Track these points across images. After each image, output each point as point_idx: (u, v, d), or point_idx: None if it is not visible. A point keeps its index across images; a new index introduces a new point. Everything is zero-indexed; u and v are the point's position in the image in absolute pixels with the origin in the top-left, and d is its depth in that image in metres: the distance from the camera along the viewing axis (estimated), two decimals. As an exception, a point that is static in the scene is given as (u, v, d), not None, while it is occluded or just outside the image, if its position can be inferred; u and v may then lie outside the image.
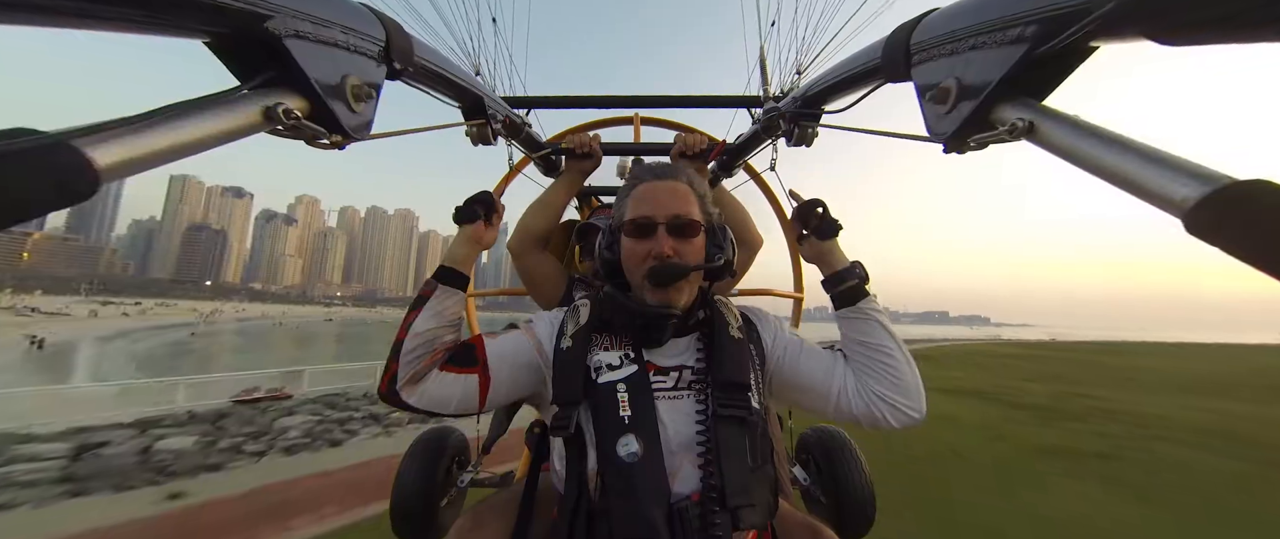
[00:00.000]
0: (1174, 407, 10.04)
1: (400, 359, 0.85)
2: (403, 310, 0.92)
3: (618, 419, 0.81)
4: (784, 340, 0.97)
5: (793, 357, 0.94)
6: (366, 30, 0.67)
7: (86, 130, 0.35)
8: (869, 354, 0.89)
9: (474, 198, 1.03)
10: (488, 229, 1.03)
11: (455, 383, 0.88)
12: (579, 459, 0.82)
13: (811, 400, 0.94)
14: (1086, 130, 0.48)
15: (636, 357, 0.88)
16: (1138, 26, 0.43)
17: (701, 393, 0.85)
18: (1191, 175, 0.38)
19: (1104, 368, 19.06)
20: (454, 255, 0.98)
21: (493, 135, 1.33)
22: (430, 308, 0.90)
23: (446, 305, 0.92)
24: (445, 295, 0.92)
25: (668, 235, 0.88)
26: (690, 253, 0.89)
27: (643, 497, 0.75)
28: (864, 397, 0.88)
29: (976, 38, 0.58)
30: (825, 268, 0.98)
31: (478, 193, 1.04)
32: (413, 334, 0.87)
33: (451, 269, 0.95)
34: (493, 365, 0.89)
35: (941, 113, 0.64)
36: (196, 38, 0.50)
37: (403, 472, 1.62)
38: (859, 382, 0.90)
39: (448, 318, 0.92)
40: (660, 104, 2.07)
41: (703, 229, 0.92)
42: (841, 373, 0.91)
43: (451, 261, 0.96)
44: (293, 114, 0.54)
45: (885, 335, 0.89)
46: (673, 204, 0.90)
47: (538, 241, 1.58)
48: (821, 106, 1.16)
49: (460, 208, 1.02)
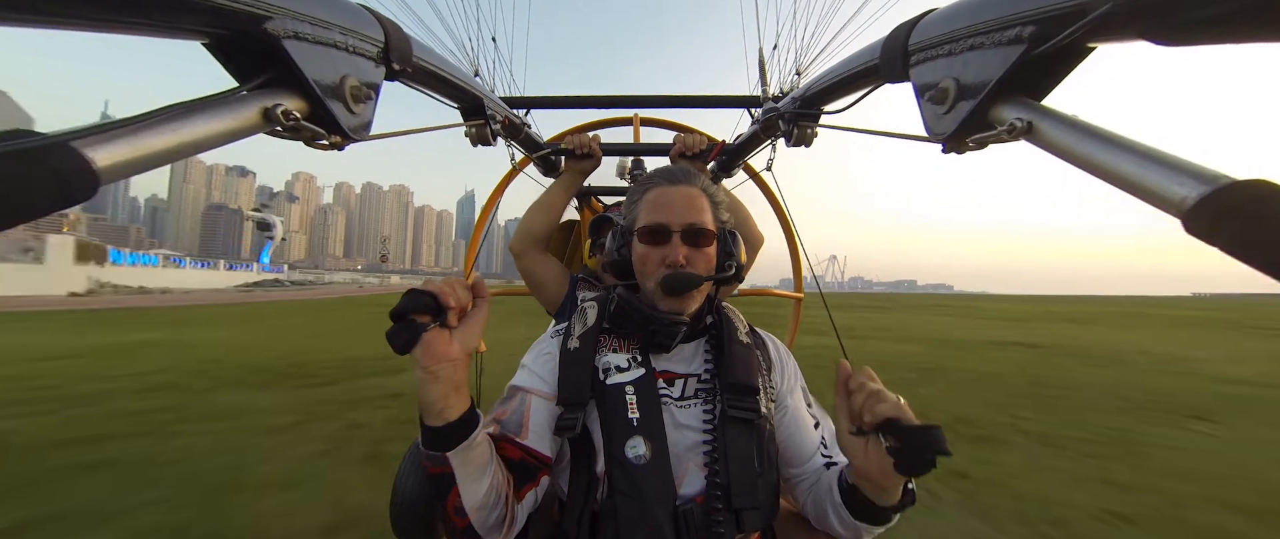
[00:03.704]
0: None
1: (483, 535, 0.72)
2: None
3: (626, 421, 0.80)
4: (787, 400, 0.95)
5: (788, 419, 0.93)
6: (365, 31, 0.67)
7: (86, 131, 0.35)
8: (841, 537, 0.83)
9: (408, 305, 0.63)
10: (453, 337, 0.67)
11: (533, 496, 0.80)
12: (585, 461, 0.81)
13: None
14: (1085, 130, 0.48)
15: (644, 360, 0.88)
16: (1134, 27, 0.43)
17: (709, 398, 0.85)
18: (1190, 175, 0.38)
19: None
20: (429, 405, 0.66)
21: (492, 136, 1.33)
22: (463, 479, 0.69)
23: (472, 460, 0.69)
24: (464, 457, 0.68)
25: (682, 244, 0.87)
26: (703, 262, 0.88)
27: (649, 499, 0.75)
28: (810, 511, 0.88)
29: (974, 38, 0.58)
30: (879, 494, 0.73)
31: (409, 295, 0.64)
32: (471, 509, 0.69)
33: (439, 428, 0.66)
34: (547, 450, 0.81)
35: (940, 113, 0.64)
36: (195, 39, 0.50)
37: (403, 472, 1.62)
38: (816, 510, 0.86)
39: (486, 469, 0.72)
40: (659, 104, 2.07)
41: (715, 237, 0.90)
42: (813, 475, 0.89)
43: (434, 417, 0.67)
44: (292, 115, 0.54)
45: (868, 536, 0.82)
46: (688, 212, 0.89)
47: (538, 242, 1.58)
48: (820, 107, 1.16)
49: (394, 331, 0.62)
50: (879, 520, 0.76)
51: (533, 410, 0.83)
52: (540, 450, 0.80)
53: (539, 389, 0.86)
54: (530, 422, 0.81)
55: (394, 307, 0.63)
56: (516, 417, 0.82)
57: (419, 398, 0.67)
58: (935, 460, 0.61)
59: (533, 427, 0.81)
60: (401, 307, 0.63)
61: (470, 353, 0.70)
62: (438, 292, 0.65)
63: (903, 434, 0.63)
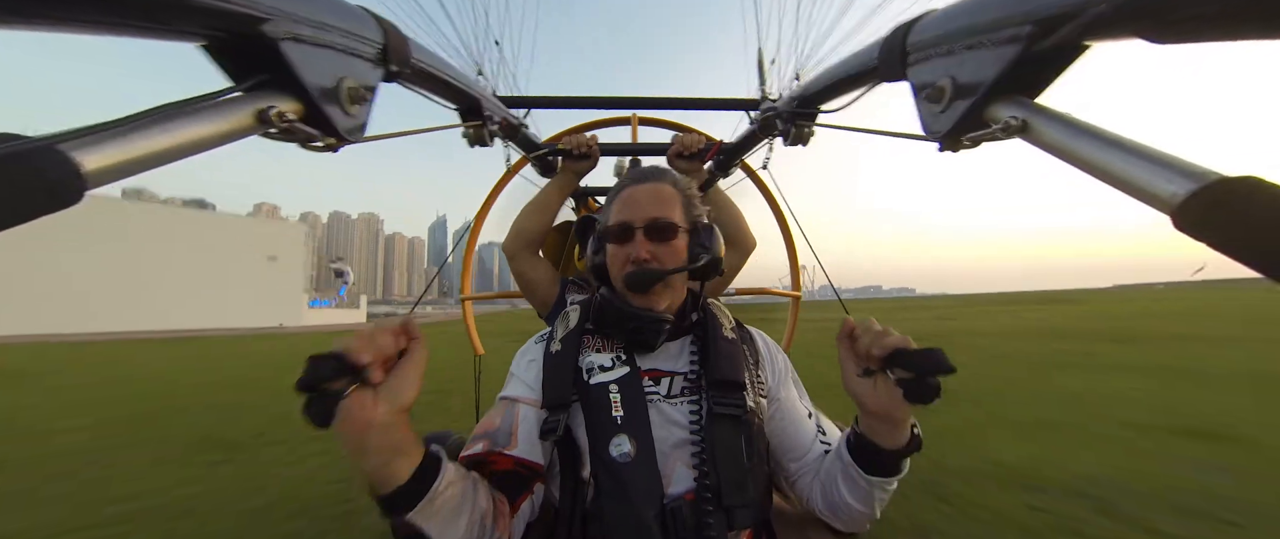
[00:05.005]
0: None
1: None
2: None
3: (610, 420, 0.80)
4: (779, 393, 0.94)
5: (782, 412, 0.92)
6: (364, 33, 0.67)
7: (73, 134, 0.35)
8: (851, 513, 0.82)
9: (313, 375, 0.52)
10: (378, 396, 0.58)
11: (529, 505, 0.77)
12: (572, 463, 0.81)
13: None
14: (1078, 128, 0.48)
15: (629, 358, 0.87)
16: (1129, 25, 0.43)
17: (695, 396, 0.85)
18: (1180, 172, 0.38)
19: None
20: (368, 478, 0.59)
21: (490, 137, 1.33)
22: (435, 531, 0.62)
23: (440, 510, 0.63)
24: (429, 511, 0.61)
25: (646, 239, 0.88)
26: (667, 256, 0.88)
27: (635, 497, 0.74)
28: (817, 500, 0.87)
29: (971, 38, 0.58)
30: (890, 434, 0.74)
31: (311, 363, 0.53)
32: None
33: (390, 496, 0.60)
34: (538, 458, 0.80)
35: (936, 112, 0.64)
36: (193, 41, 0.50)
37: None
38: (825, 494, 0.84)
39: (461, 508, 0.65)
40: (658, 106, 2.06)
41: (683, 230, 0.90)
42: (815, 463, 0.88)
43: (379, 486, 0.59)
44: (286, 117, 0.53)
45: (879, 504, 0.81)
46: (651, 207, 0.89)
47: (532, 243, 1.58)
48: (818, 106, 1.16)
49: (308, 405, 0.52)
50: (891, 470, 0.76)
51: (521, 419, 0.82)
52: (531, 459, 0.79)
53: (526, 397, 0.86)
54: (519, 430, 0.81)
55: (299, 378, 0.51)
56: (506, 426, 0.82)
57: (360, 469, 0.58)
58: (940, 386, 0.63)
59: (522, 435, 0.80)
60: (305, 379, 0.51)
61: (407, 407, 0.60)
62: (344, 351, 0.54)
63: (910, 359, 0.65)
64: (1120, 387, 5.48)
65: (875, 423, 0.74)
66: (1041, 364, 7.32)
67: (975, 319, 18.86)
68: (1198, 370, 6.17)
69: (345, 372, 0.55)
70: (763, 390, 0.92)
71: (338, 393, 0.54)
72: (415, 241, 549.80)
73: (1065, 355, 8.09)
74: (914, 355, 0.65)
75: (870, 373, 0.71)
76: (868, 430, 0.76)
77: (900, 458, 0.76)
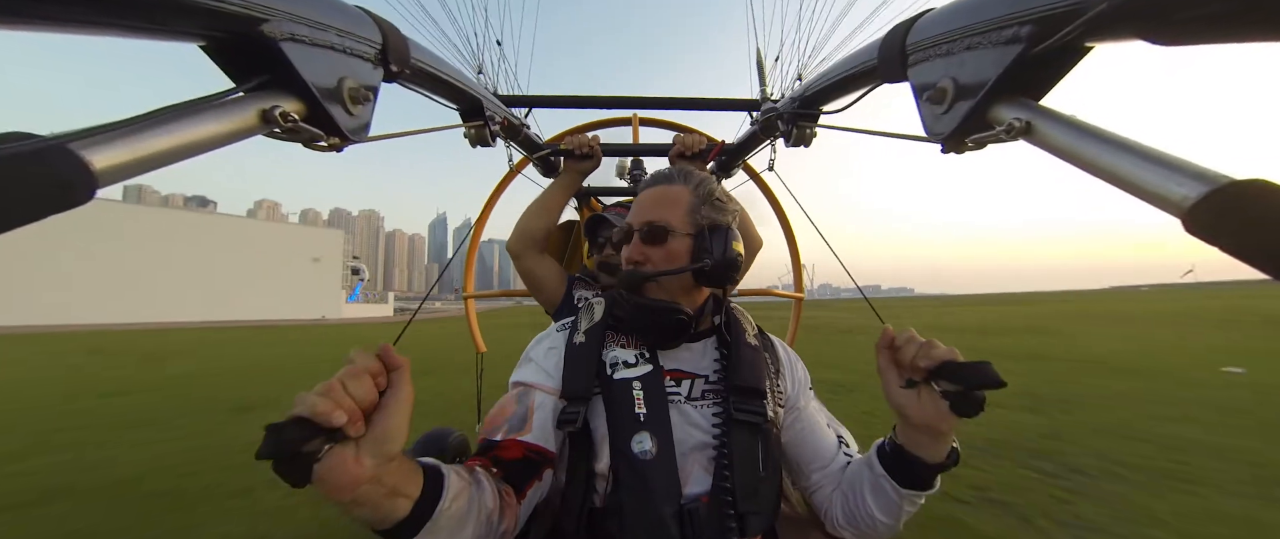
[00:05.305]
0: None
1: None
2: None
3: (633, 416, 0.80)
4: (799, 402, 0.95)
5: (802, 422, 0.93)
6: (363, 33, 0.67)
7: (83, 134, 0.35)
8: (874, 525, 0.80)
9: (274, 448, 0.45)
10: (360, 450, 0.50)
11: (537, 490, 0.76)
12: (585, 457, 0.80)
13: (787, 469, 0.93)
14: (1084, 130, 0.48)
15: (652, 356, 0.87)
16: (1131, 26, 0.43)
17: (717, 400, 0.85)
18: (1190, 175, 0.38)
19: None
20: (366, 523, 0.54)
21: (491, 137, 1.33)
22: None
23: (445, 527, 0.59)
24: (433, 530, 0.57)
25: (639, 242, 0.89)
26: (659, 258, 0.88)
27: (655, 495, 0.75)
28: (837, 513, 0.86)
29: (972, 38, 0.57)
30: (932, 447, 0.73)
31: (271, 433, 0.45)
32: None
33: (391, 530, 0.55)
34: (551, 445, 0.79)
35: (939, 113, 0.64)
36: (193, 41, 0.50)
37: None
38: (846, 506, 0.84)
39: (464, 520, 0.62)
40: (659, 106, 2.06)
41: (682, 234, 0.88)
42: (838, 473, 0.88)
43: (378, 524, 0.55)
44: (290, 117, 0.53)
45: (904, 518, 0.80)
46: (649, 211, 0.90)
47: (536, 243, 1.58)
48: (819, 107, 1.16)
49: (278, 467, 0.46)
50: (926, 483, 0.75)
51: (537, 405, 0.82)
52: (544, 445, 0.79)
53: (543, 384, 0.85)
54: (534, 417, 0.80)
55: (258, 449, 0.44)
56: (521, 410, 0.81)
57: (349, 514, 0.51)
58: (985, 400, 0.62)
59: (537, 421, 0.80)
60: (267, 450, 0.44)
61: (394, 455, 0.52)
62: (311, 414, 0.46)
63: (959, 372, 0.63)
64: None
65: (918, 435, 0.72)
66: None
67: (921, 315, 21.60)
68: (1040, 354, 7.91)
69: (315, 435, 0.47)
70: (781, 400, 0.92)
71: (310, 455, 0.47)
72: (415, 238, 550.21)
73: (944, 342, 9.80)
74: (962, 368, 0.63)
75: (912, 384, 0.69)
76: (908, 443, 0.74)
77: (937, 472, 0.74)
